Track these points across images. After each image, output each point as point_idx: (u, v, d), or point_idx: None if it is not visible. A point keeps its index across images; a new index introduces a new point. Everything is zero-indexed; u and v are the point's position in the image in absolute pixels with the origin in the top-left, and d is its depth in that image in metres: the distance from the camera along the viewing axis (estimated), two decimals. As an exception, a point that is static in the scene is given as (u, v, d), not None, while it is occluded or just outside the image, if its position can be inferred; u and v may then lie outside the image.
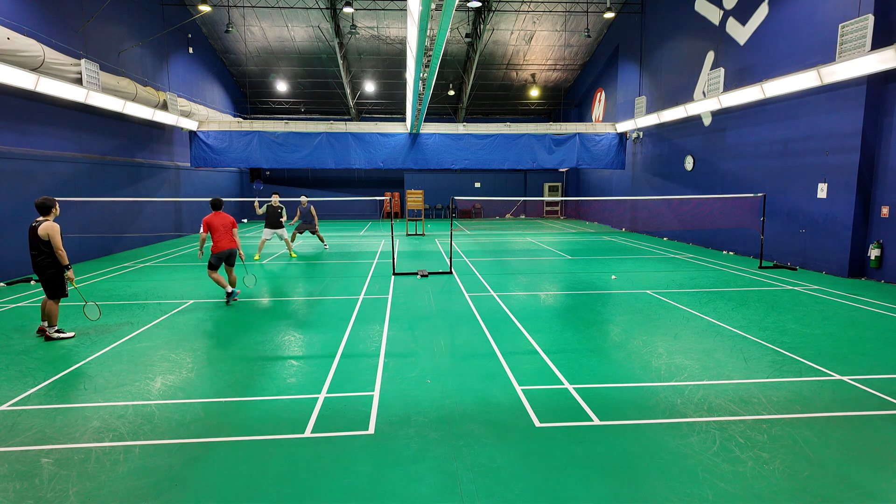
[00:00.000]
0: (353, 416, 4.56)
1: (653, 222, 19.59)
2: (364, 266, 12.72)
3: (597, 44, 24.63)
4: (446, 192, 30.24)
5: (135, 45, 16.66)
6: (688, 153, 17.14)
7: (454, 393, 5.04)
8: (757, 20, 13.53)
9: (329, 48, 24.10)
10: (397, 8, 21.26)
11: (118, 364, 5.91)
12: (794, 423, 4.36)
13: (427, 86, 14.60)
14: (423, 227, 21.34)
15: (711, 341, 6.62)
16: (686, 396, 4.91)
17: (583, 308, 8.48)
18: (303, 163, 20.73)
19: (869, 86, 10.50)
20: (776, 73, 12.60)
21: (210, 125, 20.04)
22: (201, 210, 21.69)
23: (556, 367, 5.71)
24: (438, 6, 8.55)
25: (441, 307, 8.49)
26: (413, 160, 21.12)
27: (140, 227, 16.58)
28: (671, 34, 17.88)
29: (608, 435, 4.19)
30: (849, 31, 10.20)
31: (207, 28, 22.60)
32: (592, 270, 12.00)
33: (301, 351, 6.39)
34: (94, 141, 14.33)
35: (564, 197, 25.94)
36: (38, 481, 3.57)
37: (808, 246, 12.13)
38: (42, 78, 11.20)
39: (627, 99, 21.22)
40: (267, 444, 4.07)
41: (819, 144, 11.77)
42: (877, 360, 5.90)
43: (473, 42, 23.00)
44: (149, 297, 9.29)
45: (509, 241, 18.42)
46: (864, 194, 10.86)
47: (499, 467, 3.73)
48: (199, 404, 4.80)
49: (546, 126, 21.51)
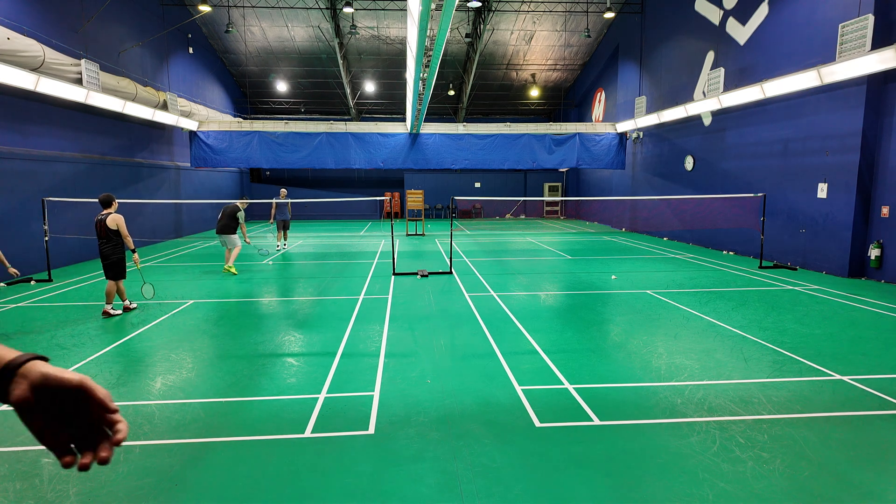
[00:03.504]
0: (354, 415, 4.56)
1: (653, 222, 19.59)
2: (364, 266, 12.72)
3: (597, 44, 24.63)
4: (446, 192, 30.23)
5: (135, 45, 16.66)
6: (688, 153, 17.14)
7: (454, 393, 5.04)
8: (757, 20, 13.53)
9: (329, 48, 24.10)
10: (397, 8, 21.26)
11: (118, 364, 5.91)
12: (794, 423, 4.36)
13: (427, 86, 14.60)
14: (423, 227, 21.34)
15: (711, 341, 6.62)
16: (686, 396, 4.91)
17: (583, 308, 8.48)
18: (303, 163, 20.73)
19: (869, 86, 10.50)
20: (776, 73, 12.60)
21: (210, 125, 20.04)
22: (201, 210, 21.70)
23: (556, 367, 5.72)
24: (438, 6, 8.55)
25: (441, 307, 8.49)
26: (413, 160, 21.12)
27: (140, 227, 16.57)
28: (671, 34, 17.88)
29: (608, 435, 4.19)
30: (849, 31, 10.19)
31: (207, 28, 22.60)
32: (592, 270, 12.00)
33: (301, 351, 6.39)
34: (94, 141, 14.33)
35: (564, 197, 25.93)
36: (38, 481, 3.57)
37: (808, 246, 12.13)
38: (42, 78, 11.20)
39: (627, 99, 21.22)
40: (267, 444, 4.07)
41: (819, 144, 11.77)
42: (877, 360, 5.90)
43: (473, 42, 23.00)
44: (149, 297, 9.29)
45: (509, 241, 18.42)
46: (864, 194, 10.86)
47: (499, 467, 3.73)
48: (199, 404, 4.80)
49: (546, 126, 21.51)
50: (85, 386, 0.87)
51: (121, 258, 7.89)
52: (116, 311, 8.03)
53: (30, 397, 0.87)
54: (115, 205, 7.95)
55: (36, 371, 0.89)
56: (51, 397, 0.87)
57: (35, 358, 0.93)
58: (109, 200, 7.87)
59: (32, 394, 0.87)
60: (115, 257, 7.82)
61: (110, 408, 0.88)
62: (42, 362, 0.92)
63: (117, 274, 7.88)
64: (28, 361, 0.91)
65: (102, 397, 0.88)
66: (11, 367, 0.90)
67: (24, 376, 0.89)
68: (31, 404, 0.87)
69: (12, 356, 0.92)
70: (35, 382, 0.87)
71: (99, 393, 0.88)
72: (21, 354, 0.93)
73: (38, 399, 0.87)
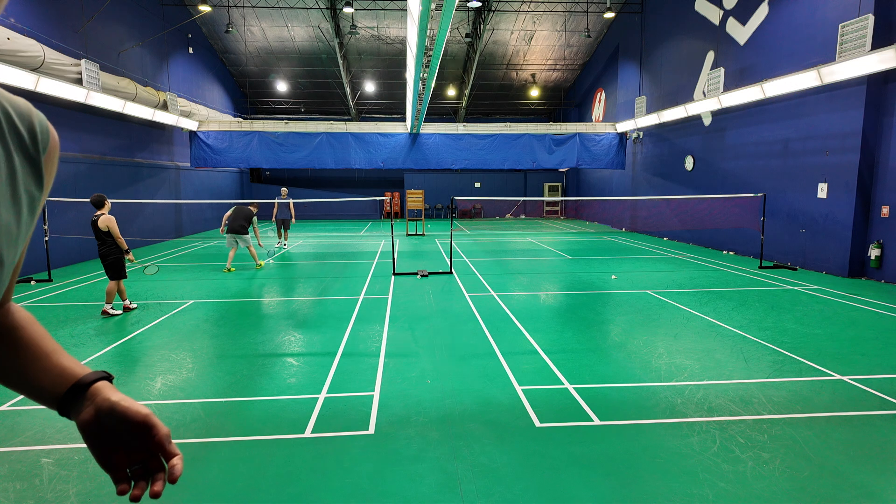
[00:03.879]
0: (354, 416, 4.56)
1: (653, 222, 19.59)
2: (364, 266, 12.72)
3: (597, 44, 24.63)
4: (446, 192, 30.24)
5: (135, 45, 16.66)
6: (688, 153, 17.14)
7: (454, 393, 5.04)
8: (757, 20, 13.53)
9: (329, 48, 24.10)
10: (397, 8, 21.26)
11: (118, 364, 5.91)
12: (794, 423, 4.36)
13: (427, 86, 14.61)
14: (423, 227, 21.34)
15: (711, 341, 6.62)
16: (686, 396, 4.91)
17: (583, 308, 8.48)
18: (303, 163, 20.73)
19: (869, 86, 10.50)
20: (776, 73, 12.60)
21: (210, 125, 20.04)
22: (201, 210, 21.70)
23: (556, 367, 5.72)
24: (438, 6, 8.55)
25: (441, 307, 8.49)
26: (413, 160, 21.12)
27: (140, 227, 16.58)
28: (671, 34, 17.88)
29: (608, 435, 4.19)
30: (849, 31, 10.19)
31: (207, 28, 22.60)
32: (592, 270, 12.00)
33: (301, 351, 6.39)
34: (94, 141, 14.33)
35: (564, 197, 25.93)
36: (38, 481, 3.57)
37: (808, 246, 12.14)
38: (42, 78, 11.20)
39: (627, 99, 21.22)
40: (267, 445, 4.07)
41: (819, 144, 11.77)
42: (877, 360, 5.90)
43: (473, 42, 23.00)
44: (149, 297, 9.29)
45: (509, 241, 18.42)
46: (864, 194, 10.86)
47: (499, 467, 3.73)
48: (199, 404, 4.80)
49: (546, 126, 21.51)
50: (149, 422, 0.88)
51: (118, 258, 7.93)
52: (116, 311, 8.03)
53: (94, 421, 0.88)
54: (108, 205, 7.95)
55: (103, 397, 0.89)
56: (113, 425, 0.88)
57: (103, 377, 0.94)
58: (101, 201, 7.87)
59: (96, 418, 0.88)
60: (111, 258, 7.86)
61: (168, 451, 0.89)
62: (109, 385, 0.93)
63: (117, 274, 7.94)
64: (96, 381, 0.92)
65: (162, 438, 0.88)
66: (80, 387, 0.91)
67: (91, 399, 0.90)
68: (94, 428, 0.88)
69: (81, 373, 0.93)
70: (101, 408, 0.88)
71: (161, 431, 0.88)
72: (90, 373, 0.94)
73: (101, 424, 0.88)
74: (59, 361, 0.94)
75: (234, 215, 11.95)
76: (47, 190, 0.87)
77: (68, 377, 0.92)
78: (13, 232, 0.78)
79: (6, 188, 0.77)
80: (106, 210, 7.91)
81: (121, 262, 7.96)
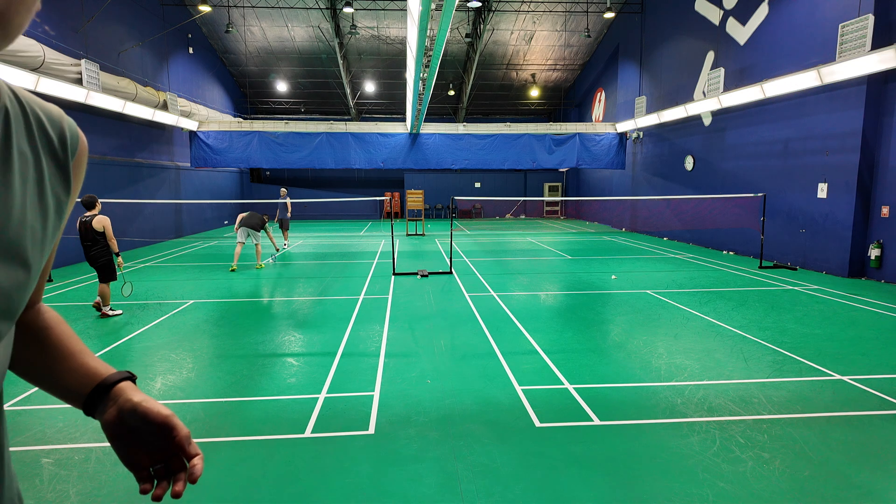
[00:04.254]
0: (354, 416, 4.56)
1: (653, 222, 19.59)
2: (364, 266, 12.72)
3: (597, 44, 24.63)
4: (446, 192, 30.24)
5: (135, 45, 16.66)
6: (688, 153, 17.14)
7: (454, 393, 5.04)
8: (757, 20, 13.53)
9: (329, 48, 24.11)
10: (397, 8, 21.26)
11: (118, 364, 5.91)
12: (794, 423, 4.36)
13: (427, 86, 14.61)
14: (423, 227, 21.34)
15: (711, 341, 6.62)
16: (686, 396, 4.91)
17: (583, 308, 8.48)
18: (303, 163, 20.73)
19: (869, 86, 10.50)
20: (776, 73, 12.60)
21: (210, 125, 20.05)
22: (201, 210, 21.71)
23: (556, 367, 5.72)
24: (438, 6, 8.55)
25: (441, 307, 8.49)
26: (413, 160, 21.12)
27: (140, 227, 16.58)
28: (671, 34, 17.88)
29: (608, 435, 4.19)
30: (849, 30, 10.19)
31: (207, 28, 22.60)
32: (592, 270, 12.00)
33: (301, 351, 6.39)
34: (94, 141, 14.33)
35: (564, 197, 25.93)
36: (38, 481, 3.58)
37: (808, 246, 12.14)
38: (42, 78, 11.21)
39: (627, 99, 21.22)
40: (267, 445, 4.07)
41: (819, 144, 11.77)
42: (877, 360, 5.90)
43: (473, 42, 23.00)
44: (149, 297, 9.30)
45: (509, 241, 18.42)
46: (864, 194, 10.86)
47: (499, 467, 3.73)
48: (199, 404, 4.81)
49: (546, 126, 21.51)
50: (170, 423, 0.89)
51: (109, 260, 7.86)
52: (116, 311, 8.03)
53: (117, 422, 0.90)
54: (99, 206, 7.93)
55: (126, 397, 0.91)
56: (136, 425, 0.89)
57: (126, 377, 0.95)
58: (93, 202, 7.80)
59: (119, 418, 0.90)
60: (103, 259, 7.80)
61: (188, 452, 0.90)
62: (132, 386, 0.94)
63: (109, 275, 7.88)
64: (120, 382, 0.94)
65: (182, 438, 0.90)
66: (104, 387, 0.93)
67: (114, 400, 0.91)
68: (117, 428, 0.90)
69: (105, 373, 0.95)
70: (124, 409, 0.90)
71: (181, 432, 0.90)
72: (114, 373, 0.95)
73: (124, 424, 0.90)
74: (84, 361, 0.96)
75: (249, 215, 12.27)
76: (75, 194, 0.88)
77: (93, 377, 0.94)
78: (39, 235, 0.79)
79: (34, 191, 0.78)
80: (98, 210, 7.86)
81: (112, 264, 7.90)
